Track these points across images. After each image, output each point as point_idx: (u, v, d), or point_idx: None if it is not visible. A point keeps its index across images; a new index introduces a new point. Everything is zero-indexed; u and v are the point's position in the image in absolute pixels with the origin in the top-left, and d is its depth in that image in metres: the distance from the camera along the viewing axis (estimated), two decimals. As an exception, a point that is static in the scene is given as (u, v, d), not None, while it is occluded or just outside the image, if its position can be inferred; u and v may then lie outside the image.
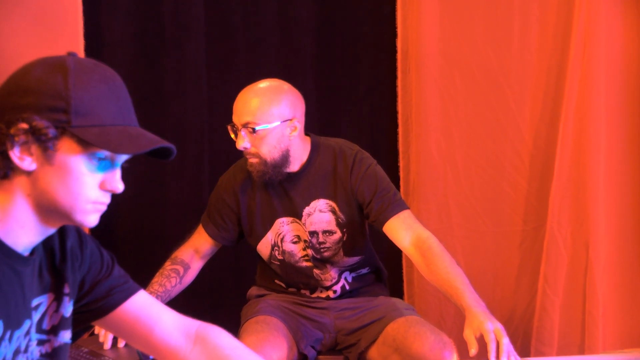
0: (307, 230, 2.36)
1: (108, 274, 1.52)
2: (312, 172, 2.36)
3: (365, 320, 2.37)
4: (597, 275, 2.71)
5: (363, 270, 2.45)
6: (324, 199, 2.36)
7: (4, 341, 1.31)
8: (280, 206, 2.37)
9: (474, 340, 1.98)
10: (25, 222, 1.32)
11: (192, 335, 1.57)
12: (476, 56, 2.85)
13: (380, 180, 2.35)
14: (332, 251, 2.37)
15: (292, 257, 2.39)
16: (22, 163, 1.28)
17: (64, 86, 1.28)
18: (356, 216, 2.36)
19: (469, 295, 2.09)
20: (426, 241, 2.23)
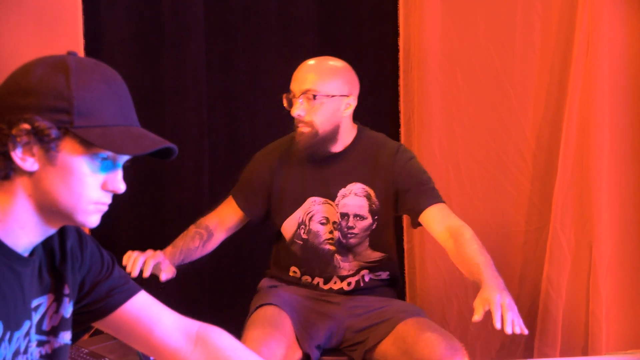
0: (339, 212, 2.38)
1: (108, 275, 1.52)
2: (354, 155, 2.40)
3: (375, 320, 2.38)
4: (601, 276, 2.71)
5: (382, 275, 2.46)
6: (361, 184, 2.38)
7: (4, 342, 1.31)
8: (315, 185, 2.40)
9: (480, 309, 1.99)
10: (26, 222, 1.32)
11: (192, 336, 1.57)
12: (479, 55, 2.85)
13: (421, 172, 2.39)
14: (358, 238, 2.39)
15: (317, 238, 2.40)
16: (24, 164, 1.28)
17: (66, 86, 1.28)
18: (390, 208, 2.38)
19: (488, 270, 2.10)
20: (460, 228, 2.26)
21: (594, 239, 2.71)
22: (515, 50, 2.81)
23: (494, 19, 2.82)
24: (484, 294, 2.02)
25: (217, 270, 3.07)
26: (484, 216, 2.92)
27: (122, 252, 2.26)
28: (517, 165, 2.87)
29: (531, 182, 2.87)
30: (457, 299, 2.97)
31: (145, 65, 3.02)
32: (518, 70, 2.82)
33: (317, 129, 2.34)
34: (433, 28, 2.88)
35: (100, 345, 2.21)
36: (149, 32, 3.02)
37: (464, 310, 2.97)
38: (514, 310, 1.96)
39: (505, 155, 2.88)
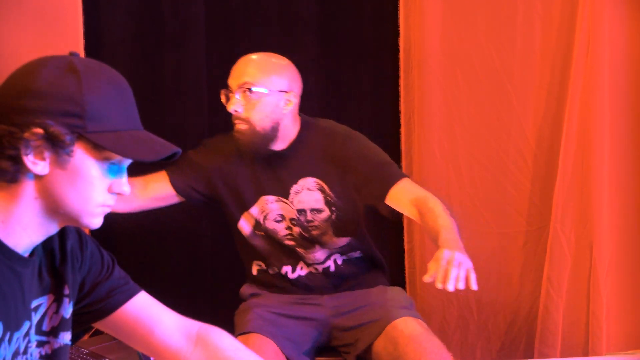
0: (296, 208, 2.34)
1: (108, 275, 1.52)
2: (302, 150, 2.34)
3: (362, 319, 2.35)
4: (601, 276, 2.71)
5: (354, 254, 2.42)
6: (312, 178, 2.33)
7: (4, 343, 1.31)
8: (267, 183, 2.34)
9: (432, 270, 1.92)
10: (29, 224, 1.32)
11: (193, 336, 1.57)
12: (479, 55, 2.85)
13: (374, 155, 2.33)
14: (320, 230, 2.35)
15: (276, 235, 2.37)
16: (35, 167, 1.28)
17: (78, 90, 1.28)
18: (348, 195, 2.33)
19: (446, 232, 2.06)
20: (423, 198, 2.23)
21: (594, 239, 2.71)
22: (515, 50, 2.81)
23: (494, 19, 2.82)
24: (436, 254, 1.96)
25: (217, 270, 3.07)
26: (484, 216, 2.92)
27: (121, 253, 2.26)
28: (518, 166, 2.87)
29: (531, 182, 2.86)
30: (457, 299, 2.97)
31: (146, 65, 3.02)
32: (518, 70, 2.82)
33: (255, 126, 2.26)
34: (433, 28, 2.88)
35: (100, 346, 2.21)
36: (149, 32, 3.02)
37: (464, 310, 2.96)
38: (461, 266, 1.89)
39: (506, 155, 2.88)
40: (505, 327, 2.93)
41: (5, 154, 1.26)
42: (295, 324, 2.37)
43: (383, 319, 2.30)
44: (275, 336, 2.30)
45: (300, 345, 2.34)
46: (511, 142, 2.86)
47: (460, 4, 2.86)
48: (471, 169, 2.92)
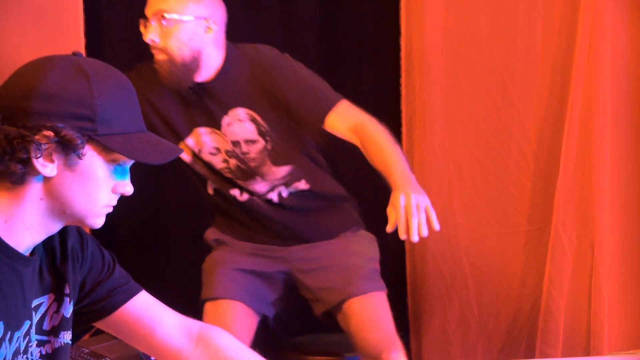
0: (230, 140, 2.28)
1: (109, 275, 1.52)
2: (229, 80, 2.26)
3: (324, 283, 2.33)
4: (603, 276, 2.70)
5: (300, 185, 2.35)
6: (242, 108, 2.27)
7: (4, 342, 1.31)
8: (198, 115, 2.28)
9: (392, 219, 1.93)
10: (32, 224, 1.32)
11: (194, 336, 1.57)
12: (480, 55, 2.84)
13: (305, 78, 2.27)
14: (258, 161, 2.29)
15: (213, 167, 2.33)
16: (44, 170, 1.28)
17: (88, 93, 1.28)
18: (283, 122, 2.27)
19: (398, 171, 2.05)
20: (364, 127, 2.19)
21: (595, 239, 2.71)
22: (517, 50, 2.80)
23: (495, 18, 2.81)
24: (391, 199, 1.96)
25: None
26: (485, 216, 2.92)
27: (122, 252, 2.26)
28: (519, 165, 2.87)
29: (532, 182, 2.86)
30: (458, 298, 2.97)
31: (147, 64, 3.02)
32: (520, 70, 2.81)
33: (174, 55, 2.19)
34: (435, 28, 2.88)
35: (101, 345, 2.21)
36: (150, 31, 3.01)
37: (465, 310, 2.96)
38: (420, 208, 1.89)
39: (507, 155, 2.87)
40: (507, 326, 2.92)
41: (16, 156, 1.26)
42: (261, 280, 2.36)
43: (342, 290, 2.29)
44: (243, 297, 2.31)
45: (268, 299, 2.36)
46: (512, 141, 2.86)
47: (462, 3, 2.86)
48: (472, 168, 2.92)
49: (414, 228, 1.88)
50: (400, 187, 1.98)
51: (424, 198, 1.95)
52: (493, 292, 2.93)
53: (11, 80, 1.32)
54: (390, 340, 2.25)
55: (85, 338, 2.32)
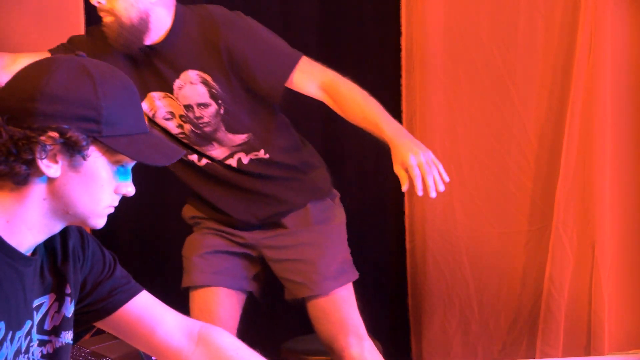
0: (182, 104, 2.23)
1: (110, 275, 1.52)
2: (179, 41, 2.20)
3: (290, 276, 2.34)
4: (603, 276, 2.71)
5: (260, 154, 2.30)
6: (194, 70, 2.20)
7: (5, 342, 1.32)
8: (150, 79, 2.23)
9: (404, 174, 1.97)
10: (34, 224, 1.32)
11: (194, 336, 1.57)
12: (481, 54, 2.85)
13: (261, 35, 2.22)
14: (212, 126, 2.24)
15: (169, 132, 2.28)
16: (48, 170, 1.28)
17: (94, 95, 1.28)
18: (236, 86, 2.22)
19: (387, 125, 2.06)
20: (332, 84, 2.18)
21: (596, 238, 2.71)
22: (517, 49, 2.80)
23: (496, 18, 2.82)
24: (397, 156, 1.98)
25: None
26: (486, 216, 2.92)
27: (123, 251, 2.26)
28: (520, 165, 2.87)
29: (533, 182, 2.86)
30: (458, 298, 2.97)
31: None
32: (520, 70, 2.81)
33: (121, 17, 2.12)
34: (435, 27, 2.88)
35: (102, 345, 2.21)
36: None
37: (465, 309, 2.97)
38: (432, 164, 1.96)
39: (508, 155, 2.88)
40: (507, 326, 2.92)
41: (20, 157, 1.26)
42: (237, 258, 2.38)
43: (306, 287, 2.30)
44: (223, 281, 2.34)
45: (247, 275, 2.39)
46: (513, 141, 2.86)
47: (462, 3, 2.86)
48: (473, 168, 2.92)
49: (432, 185, 1.95)
50: (401, 144, 1.99)
51: (429, 152, 2.00)
52: (494, 292, 2.93)
53: (16, 81, 1.32)
54: (353, 332, 2.29)
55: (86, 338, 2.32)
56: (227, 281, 2.38)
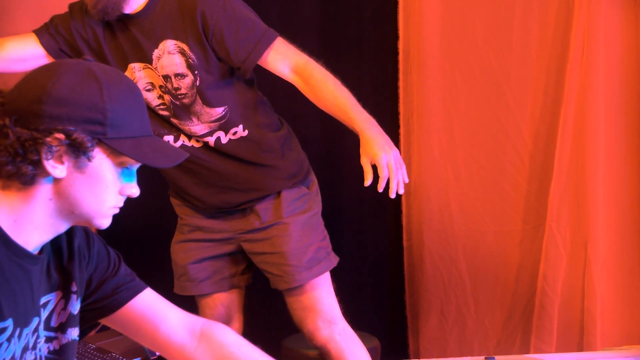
0: (160, 75, 2.21)
1: (115, 273, 1.53)
2: (157, 11, 2.17)
3: (266, 268, 2.36)
4: (596, 274, 2.71)
5: (239, 131, 2.27)
6: (171, 40, 2.17)
7: (13, 338, 1.32)
8: (130, 50, 2.21)
9: (369, 169, 1.97)
10: (41, 223, 1.33)
11: (197, 332, 1.58)
12: (477, 57, 2.85)
13: (239, 11, 2.19)
14: (189, 98, 2.21)
15: (150, 105, 2.25)
16: (54, 171, 1.30)
17: (100, 98, 1.30)
18: (212, 57, 2.19)
19: (358, 116, 2.06)
20: (306, 67, 2.17)
21: (589, 238, 2.72)
22: (512, 52, 2.81)
23: (492, 22, 2.82)
24: (367, 149, 1.99)
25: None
26: (482, 215, 2.93)
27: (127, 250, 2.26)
28: (515, 166, 2.87)
29: (528, 182, 2.87)
30: (455, 295, 2.98)
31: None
32: (515, 72, 2.82)
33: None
34: (432, 31, 2.89)
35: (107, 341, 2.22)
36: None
37: (462, 306, 2.97)
38: (399, 166, 1.97)
39: (503, 155, 2.88)
40: (502, 323, 2.93)
41: (27, 158, 1.28)
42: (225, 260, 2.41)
43: (282, 279, 2.32)
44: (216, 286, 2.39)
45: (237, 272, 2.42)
46: (508, 142, 2.87)
47: (459, 7, 2.87)
48: (469, 168, 2.93)
49: (394, 188, 1.97)
50: (372, 138, 2.00)
51: (396, 151, 2.01)
52: (489, 290, 2.94)
53: (24, 83, 1.33)
54: (322, 316, 2.32)
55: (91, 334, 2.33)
56: (224, 284, 2.42)
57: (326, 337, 2.34)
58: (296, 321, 2.39)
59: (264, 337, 2.26)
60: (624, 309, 2.75)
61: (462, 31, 2.87)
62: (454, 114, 2.91)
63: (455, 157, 2.93)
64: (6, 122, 1.28)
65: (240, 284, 2.46)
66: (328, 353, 2.34)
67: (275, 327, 2.90)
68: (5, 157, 1.28)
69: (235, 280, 2.44)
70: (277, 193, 2.35)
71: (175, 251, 2.47)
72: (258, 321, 2.73)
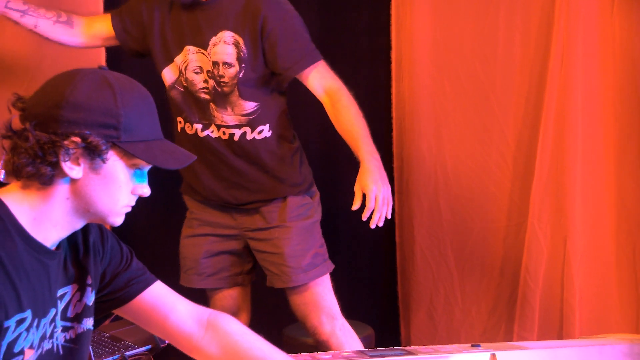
0: (211, 60, 2.23)
1: (127, 267, 1.53)
2: (226, 2, 2.20)
3: (268, 266, 2.36)
4: (574, 267, 2.71)
5: (265, 130, 2.29)
6: (230, 32, 2.20)
7: (32, 328, 1.33)
8: (189, 33, 2.24)
9: (359, 196, 2.03)
10: (58, 221, 1.33)
11: (204, 322, 1.58)
12: (464, 67, 2.85)
13: (295, 26, 2.23)
14: (229, 87, 2.23)
15: (193, 87, 2.27)
16: (71, 172, 1.30)
17: (114, 104, 1.30)
18: (260, 57, 2.22)
19: (364, 147, 2.11)
20: (337, 92, 2.22)
21: (568, 234, 2.72)
22: (497, 62, 2.81)
23: (478, 34, 2.82)
24: (362, 179, 2.05)
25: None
26: (469, 212, 2.93)
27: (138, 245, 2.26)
28: (499, 166, 2.87)
29: (511, 182, 2.87)
30: (443, 287, 2.98)
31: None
32: (500, 81, 2.82)
33: None
34: (423, 41, 2.88)
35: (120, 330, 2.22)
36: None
37: (450, 297, 2.97)
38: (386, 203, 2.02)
39: (488, 157, 2.88)
40: (487, 313, 2.93)
41: (46, 160, 1.28)
42: (234, 257, 2.41)
43: (282, 279, 2.33)
44: (224, 282, 2.40)
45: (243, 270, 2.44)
46: (493, 145, 2.87)
47: (448, 19, 2.86)
48: (457, 169, 2.92)
49: (376, 220, 2.03)
50: (370, 170, 2.05)
51: (388, 188, 2.06)
52: (475, 282, 2.93)
53: (43, 90, 1.33)
54: (325, 312, 2.33)
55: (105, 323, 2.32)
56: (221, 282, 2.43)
57: (329, 331, 2.34)
58: (299, 317, 2.39)
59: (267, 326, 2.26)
60: (600, 299, 2.75)
61: (451, 42, 2.87)
62: (443, 118, 2.91)
63: (444, 158, 2.93)
64: (27, 126, 1.29)
65: (244, 282, 2.47)
66: (330, 348, 2.34)
67: (277, 317, 2.89)
68: (25, 159, 1.28)
69: (240, 278, 2.45)
70: (283, 198, 2.36)
71: (184, 245, 2.47)
72: (261, 311, 2.73)
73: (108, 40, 2.36)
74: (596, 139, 2.71)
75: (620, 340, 1.93)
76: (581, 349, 1.81)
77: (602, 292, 2.75)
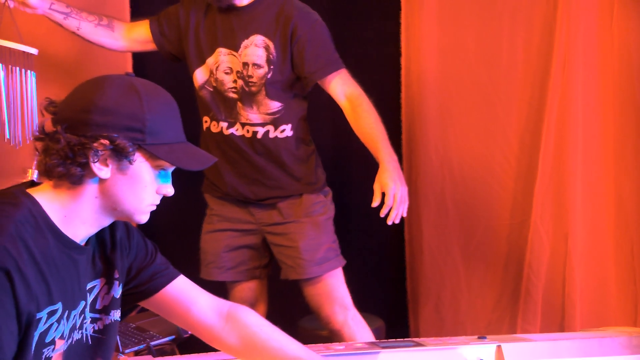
0: (242, 61, 2.24)
1: (152, 261, 1.53)
2: (260, 9, 2.23)
3: (283, 260, 2.36)
4: (575, 263, 2.70)
5: (287, 129, 2.30)
6: (261, 36, 2.22)
7: (63, 319, 1.33)
8: (223, 36, 2.25)
9: (379, 194, 2.05)
10: (87, 218, 1.34)
11: (224, 314, 1.58)
12: (469, 73, 2.84)
13: (323, 36, 2.25)
14: (257, 87, 2.24)
15: (222, 86, 2.28)
16: (99, 172, 1.31)
17: (140, 109, 1.30)
18: (288, 61, 2.23)
19: (384, 150, 2.12)
20: (358, 98, 2.23)
21: (569, 231, 2.70)
22: (501, 68, 2.80)
23: (483, 42, 2.81)
24: (382, 178, 2.06)
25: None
26: (474, 211, 2.91)
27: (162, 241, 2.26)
28: (503, 167, 2.86)
29: (515, 182, 2.85)
30: (450, 281, 2.97)
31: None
32: (503, 86, 2.81)
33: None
34: (431, 49, 2.88)
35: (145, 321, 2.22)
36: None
37: (456, 292, 2.96)
38: (403, 202, 2.04)
39: (493, 158, 2.87)
40: (492, 306, 2.92)
41: (76, 161, 1.28)
42: (252, 251, 2.41)
43: (297, 271, 2.33)
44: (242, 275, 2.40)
45: (261, 264, 2.44)
46: (497, 147, 2.85)
47: (454, 29, 2.85)
48: (462, 170, 2.91)
49: (393, 217, 2.06)
50: (389, 170, 2.07)
51: (405, 188, 2.08)
52: (480, 277, 2.92)
53: (73, 95, 1.34)
54: (338, 302, 2.33)
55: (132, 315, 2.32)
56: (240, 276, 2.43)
57: (341, 321, 2.34)
58: (313, 307, 2.39)
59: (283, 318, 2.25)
60: (600, 294, 2.73)
61: (457, 50, 2.86)
62: (449, 122, 2.90)
63: (450, 160, 2.92)
64: (58, 129, 1.29)
65: (261, 276, 2.48)
66: (342, 337, 2.33)
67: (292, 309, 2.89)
68: (57, 160, 1.29)
69: (257, 272, 2.45)
70: (298, 195, 2.38)
71: (205, 240, 2.47)
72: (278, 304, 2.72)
73: (146, 44, 2.37)
74: (596, 141, 2.69)
75: (619, 333, 1.92)
76: (582, 341, 1.80)
77: (601, 287, 2.73)
